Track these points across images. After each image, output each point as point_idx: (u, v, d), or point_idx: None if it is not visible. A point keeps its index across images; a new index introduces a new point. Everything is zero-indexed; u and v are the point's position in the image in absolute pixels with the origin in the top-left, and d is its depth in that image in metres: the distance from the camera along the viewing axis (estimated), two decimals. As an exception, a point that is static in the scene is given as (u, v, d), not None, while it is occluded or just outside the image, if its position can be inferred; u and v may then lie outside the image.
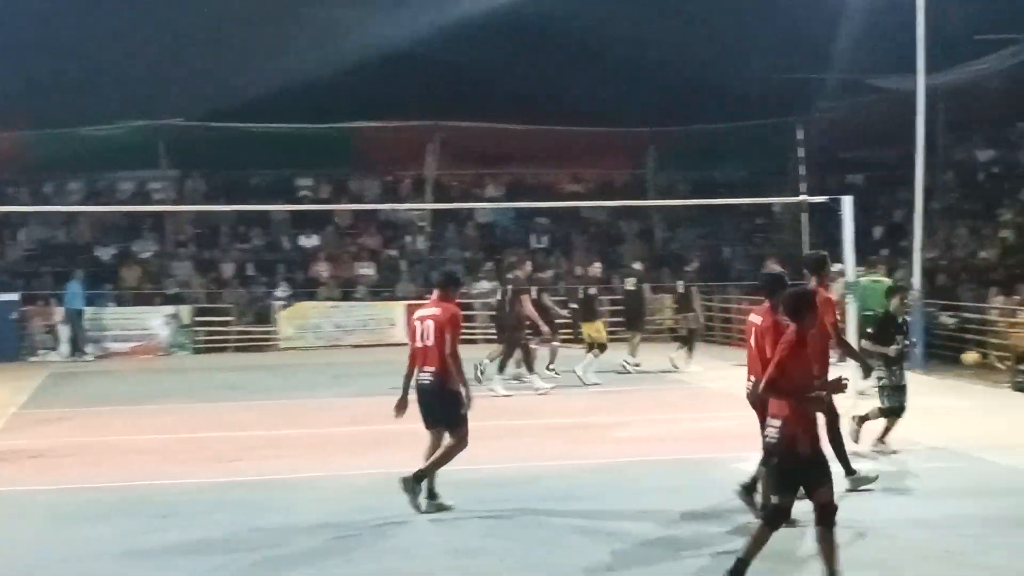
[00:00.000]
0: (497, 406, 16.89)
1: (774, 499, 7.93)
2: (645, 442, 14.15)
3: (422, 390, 10.55)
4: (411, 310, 23.71)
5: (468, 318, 29.69)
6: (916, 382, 18.60)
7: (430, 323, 10.51)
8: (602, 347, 20.18)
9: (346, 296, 30.36)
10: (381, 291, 30.79)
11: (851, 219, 17.75)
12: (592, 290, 20.96)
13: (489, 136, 32.43)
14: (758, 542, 7.80)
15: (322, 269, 31.36)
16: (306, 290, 30.42)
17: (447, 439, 10.45)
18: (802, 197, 22.99)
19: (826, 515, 7.70)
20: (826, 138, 30.27)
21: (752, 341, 9.67)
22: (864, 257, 21.81)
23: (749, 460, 11.35)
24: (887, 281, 19.49)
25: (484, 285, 30.63)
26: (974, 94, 26.95)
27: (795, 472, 7.73)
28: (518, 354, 19.42)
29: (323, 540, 9.74)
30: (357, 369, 23.16)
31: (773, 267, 12.64)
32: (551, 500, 10.96)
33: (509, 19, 27.83)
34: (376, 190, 34.29)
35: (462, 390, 10.47)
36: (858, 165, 33.20)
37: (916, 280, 20.83)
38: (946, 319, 21.88)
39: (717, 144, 33.21)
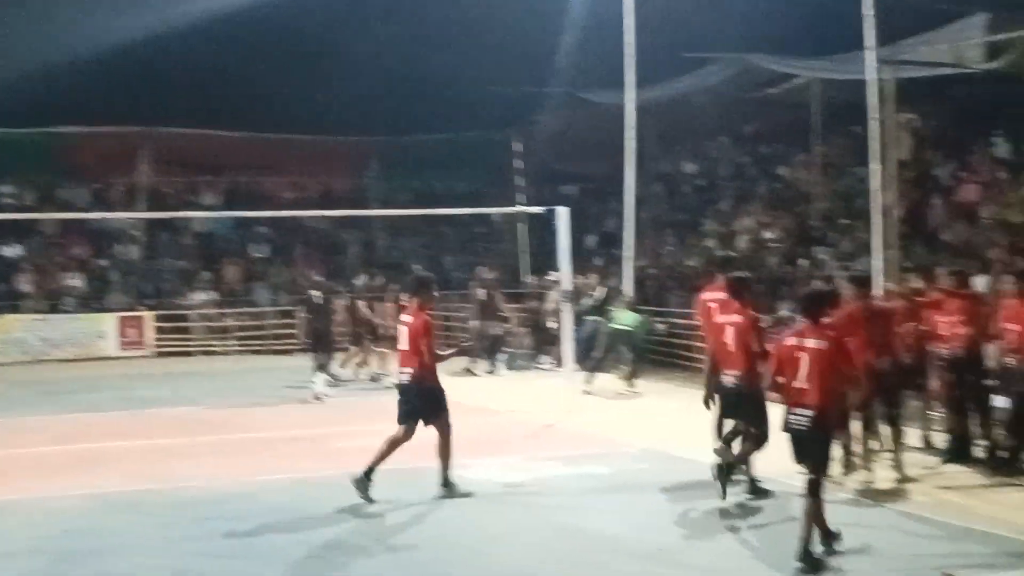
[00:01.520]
0: (210, 422, 16.50)
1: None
2: (366, 453, 14.04)
3: (401, 388, 11.54)
4: (123, 322, 22.54)
5: (183, 329, 29.06)
6: (625, 385, 19.42)
7: (405, 329, 11.44)
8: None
9: (53, 308, 28.97)
10: (90, 302, 29.52)
11: (567, 229, 18.24)
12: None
13: (205, 143, 31.69)
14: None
15: (26, 280, 29.78)
16: (9, 303, 28.83)
17: (439, 436, 11.34)
18: (519, 207, 23.46)
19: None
20: (542, 150, 31.02)
21: (733, 337, 10.84)
22: (579, 266, 22.53)
23: (471, 468, 11.50)
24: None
25: (200, 296, 29.85)
26: (680, 109, 28.15)
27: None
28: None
29: (32, 568, 9.20)
30: (66, 385, 22.15)
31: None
32: (271, 515, 10.75)
33: (226, 24, 27.25)
34: (85, 198, 32.88)
35: (439, 387, 11.42)
36: (572, 176, 34.16)
37: (628, 285, 21.57)
38: (658, 325, 22.75)
39: (438, 154, 33.54)
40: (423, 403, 11.39)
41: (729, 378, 11.06)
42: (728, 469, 10.94)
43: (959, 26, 19.95)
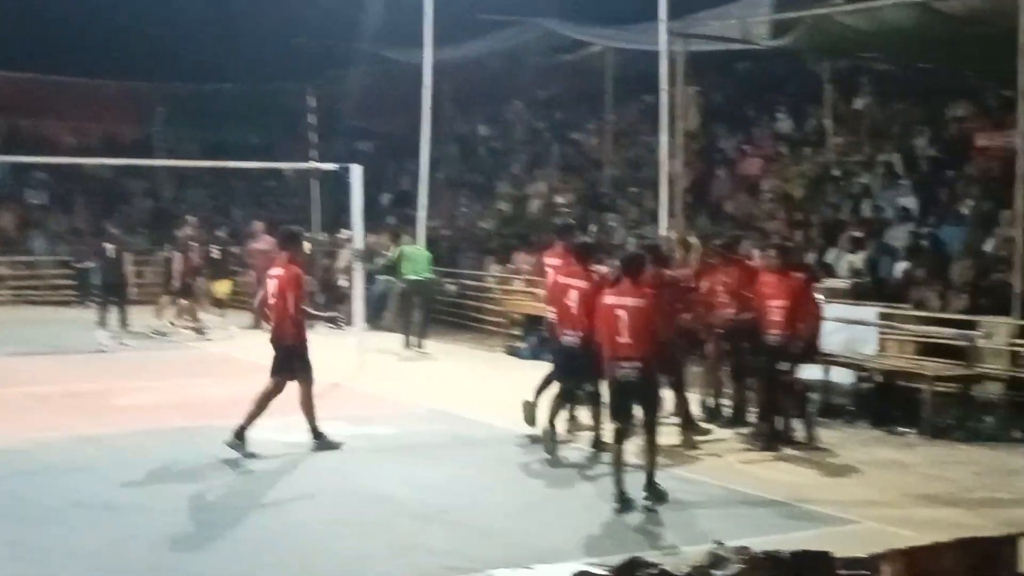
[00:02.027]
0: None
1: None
2: (145, 411, 13.68)
3: (271, 342, 11.58)
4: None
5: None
6: (414, 346, 19.43)
7: (275, 282, 11.48)
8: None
9: None
10: None
11: (360, 187, 18.02)
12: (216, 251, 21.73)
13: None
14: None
15: None
16: None
17: (301, 389, 11.48)
18: (312, 163, 23.08)
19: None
20: (340, 106, 30.58)
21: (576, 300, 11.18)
22: (373, 224, 22.37)
23: (253, 427, 11.32)
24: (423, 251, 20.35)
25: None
26: (477, 71, 28.18)
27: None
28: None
29: None
30: None
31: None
32: (44, 475, 10.35)
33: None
34: None
35: (304, 341, 11.52)
36: (369, 134, 33.84)
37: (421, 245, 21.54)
38: (449, 286, 22.81)
39: (231, 105, 32.67)
40: (287, 357, 11.46)
41: (570, 338, 11.37)
42: (553, 432, 11.52)
43: (748, 2, 20.51)
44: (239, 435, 11.20)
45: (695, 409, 12.87)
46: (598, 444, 11.65)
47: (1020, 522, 8.49)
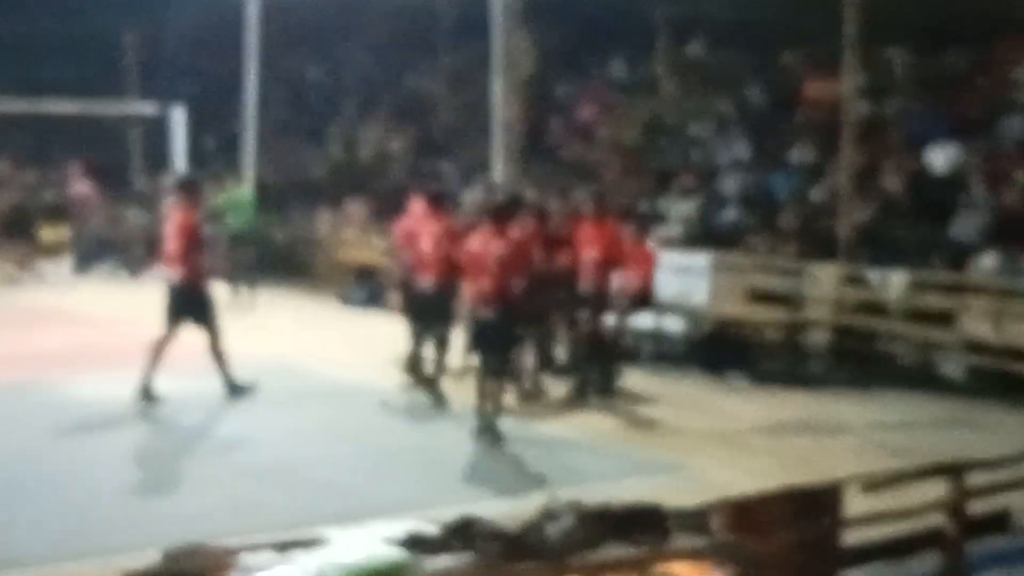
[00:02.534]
0: None
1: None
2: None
3: (170, 290, 11.44)
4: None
5: None
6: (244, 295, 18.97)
7: (170, 230, 11.46)
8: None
9: None
10: None
11: (183, 130, 17.41)
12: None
13: None
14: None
15: None
16: None
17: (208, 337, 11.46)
18: (133, 106, 22.22)
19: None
20: (161, 43, 29.49)
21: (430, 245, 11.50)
22: (198, 169, 21.66)
23: (79, 382, 10.89)
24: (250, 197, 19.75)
25: None
26: (306, 10, 27.47)
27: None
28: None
29: None
30: None
31: None
32: None
33: None
34: None
35: (203, 289, 11.54)
36: (192, 74, 32.73)
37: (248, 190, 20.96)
38: (278, 234, 22.30)
39: (45, 42, 31.17)
40: (186, 305, 11.41)
41: (425, 283, 11.68)
42: (431, 383, 11.77)
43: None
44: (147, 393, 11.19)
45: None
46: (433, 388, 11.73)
47: (844, 465, 8.65)
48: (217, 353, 11.60)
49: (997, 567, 6.35)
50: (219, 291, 18.75)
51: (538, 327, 12.16)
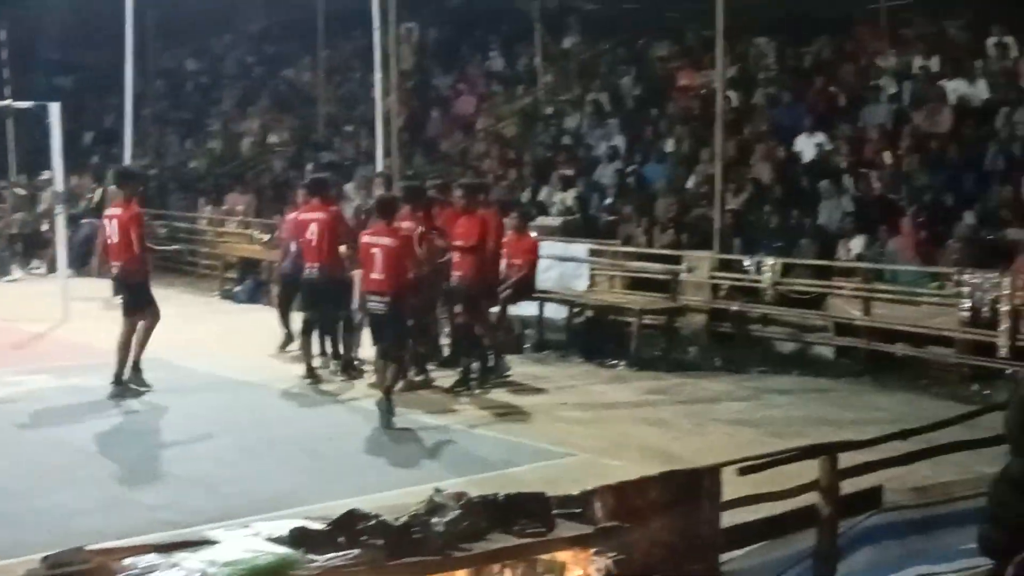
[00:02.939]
0: None
1: None
2: None
3: (115, 281, 11.88)
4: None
5: None
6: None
7: (115, 223, 11.52)
8: None
9: None
10: None
11: (59, 125, 17.08)
12: None
13: None
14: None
15: None
16: None
17: (142, 323, 11.53)
18: (6, 102, 21.69)
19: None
20: (33, 36, 28.85)
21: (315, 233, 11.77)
22: (75, 165, 21.30)
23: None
24: None
25: None
26: (182, 3, 27.13)
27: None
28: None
29: None
30: None
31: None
32: None
33: None
34: None
35: (146, 280, 11.75)
36: (67, 67, 32.09)
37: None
38: (159, 229, 22.00)
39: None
40: (130, 295, 11.65)
41: (312, 271, 12.02)
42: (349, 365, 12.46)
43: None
44: (118, 380, 11.44)
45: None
46: (312, 375, 12.18)
47: (722, 448, 8.96)
48: (143, 343, 11.72)
49: (870, 543, 6.64)
50: (98, 288, 18.62)
51: (424, 317, 12.27)
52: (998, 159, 14.81)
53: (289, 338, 13.58)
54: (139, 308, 11.65)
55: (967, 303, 12.34)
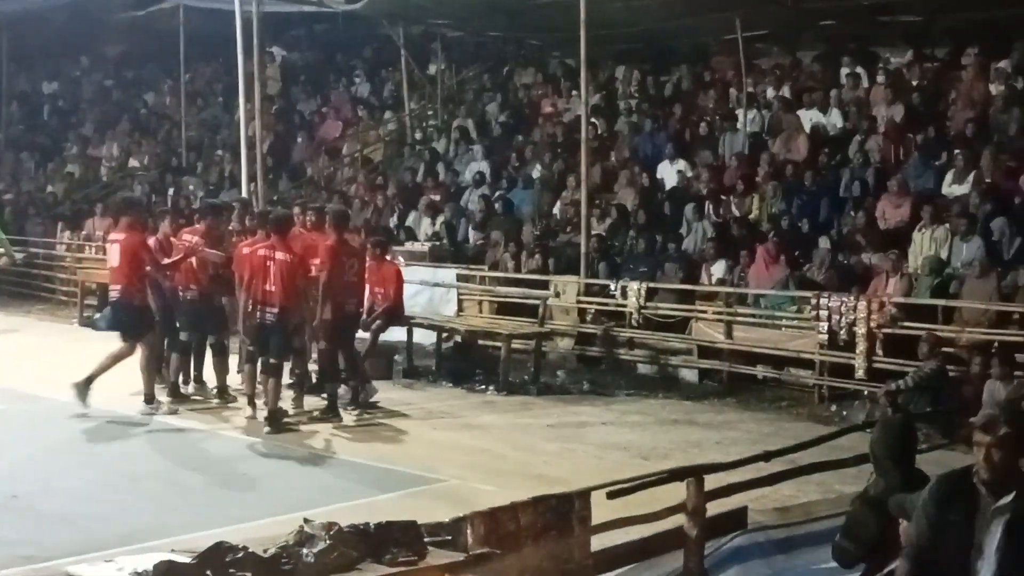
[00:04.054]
0: None
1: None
2: None
3: (111, 304, 12.11)
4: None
5: None
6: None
7: (116, 247, 11.76)
8: None
9: None
10: None
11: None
12: None
13: None
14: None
15: None
16: None
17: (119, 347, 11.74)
18: None
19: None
20: None
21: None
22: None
23: None
24: None
25: None
26: (38, 25, 26.46)
27: None
28: None
29: None
30: None
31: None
32: None
33: None
34: None
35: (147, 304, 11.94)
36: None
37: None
38: (16, 254, 21.37)
39: None
40: (129, 320, 11.74)
41: (192, 293, 12.32)
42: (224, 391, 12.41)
43: (324, -35, 20.49)
44: (88, 382, 11.67)
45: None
46: (175, 393, 12.33)
47: (591, 472, 9.05)
48: (147, 368, 11.86)
49: (736, 563, 6.79)
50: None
51: (297, 342, 12.13)
52: (852, 185, 15.29)
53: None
54: (128, 332, 11.75)
55: (825, 326, 12.71)
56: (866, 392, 12.14)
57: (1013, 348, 11.41)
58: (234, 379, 12.64)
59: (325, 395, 12.09)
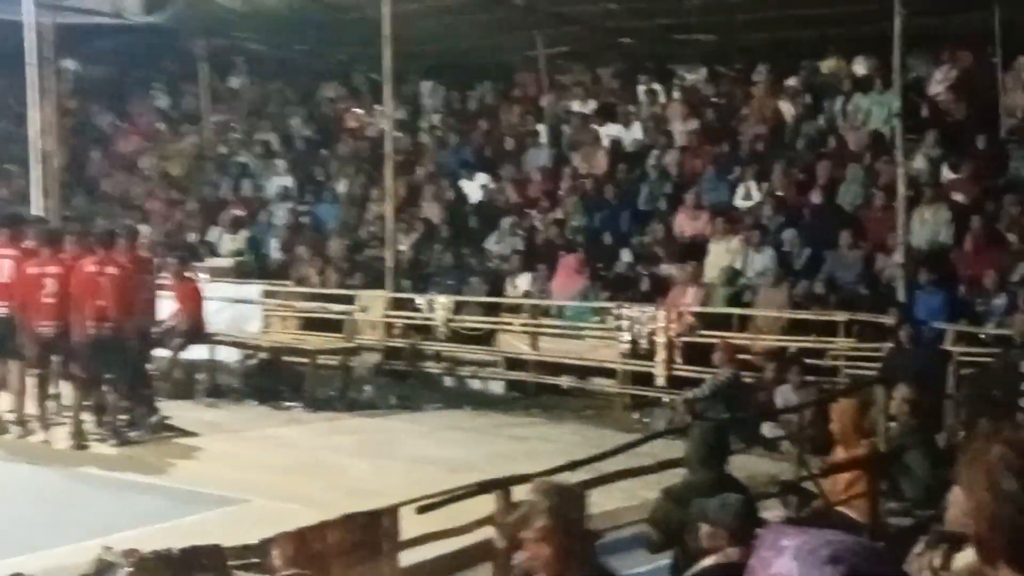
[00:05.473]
0: None
1: None
2: None
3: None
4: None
5: None
6: None
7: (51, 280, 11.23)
8: None
9: None
10: None
11: None
12: None
13: None
14: None
15: None
16: None
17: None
18: None
19: None
20: None
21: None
22: None
23: None
24: None
25: None
26: None
27: None
28: None
29: None
30: None
31: None
32: None
33: None
34: None
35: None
36: None
37: None
38: None
39: None
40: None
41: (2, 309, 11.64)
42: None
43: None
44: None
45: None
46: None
47: (401, 487, 9.03)
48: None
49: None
50: None
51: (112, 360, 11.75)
52: (652, 199, 15.70)
53: None
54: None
55: (626, 336, 13.02)
56: (667, 399, 12.48)
57: (805, 355, 11.91)
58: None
59: (126, 416, 11.75)
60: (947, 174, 14.21)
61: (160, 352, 12.69)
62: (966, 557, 3.01)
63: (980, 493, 1.76)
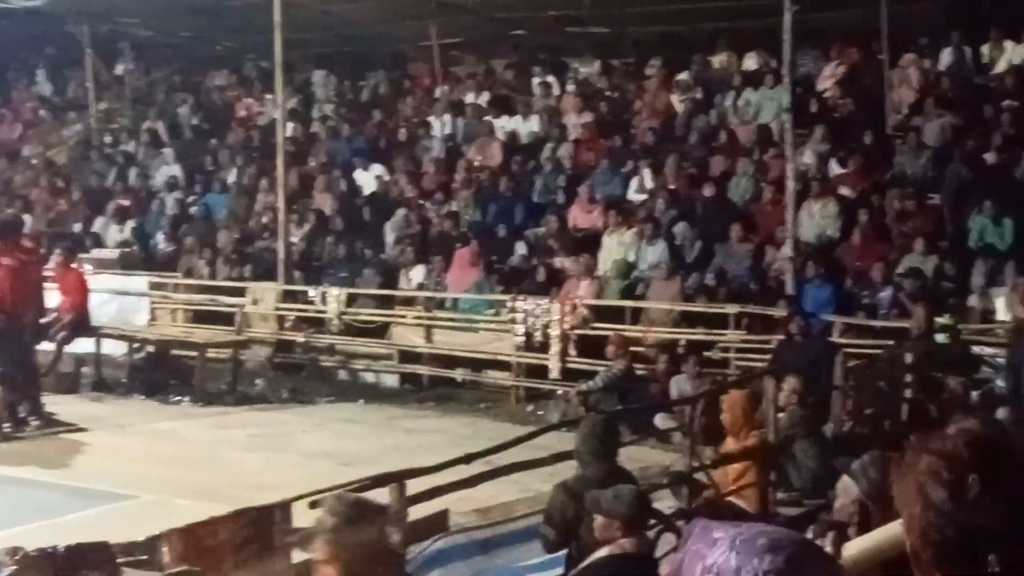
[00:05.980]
0: None
1: None
2: None
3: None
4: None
5: None
6: None
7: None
8: None
9: None
10: None
11: None
12: None
13: None
14: None
15: None
16: None
17: None
18: None
19: None
20: None
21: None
22: None
23: None
24: None
25: None
26: None
27: None
28: None
29: None
30: None
31: None
32: None
33: None
34: None
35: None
36: None
37: None
38: None
39: None
40: None
41: None
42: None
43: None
44: None
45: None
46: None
47: (294, 481, 8.91)
48: None
49: (439, 566, 6.83)
50: None
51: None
52: (545, 191, 15.74)
53: None
54: None
55: (521, 328, 13.03)
56: (560, 392, 12.52)
57: (698, 347, 12.04)
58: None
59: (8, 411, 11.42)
60: (835, 168, 14.50)
61: (44, 345, 12.34)
62: (854, 545, 3.06)
63: (911, 506, 1.77)
